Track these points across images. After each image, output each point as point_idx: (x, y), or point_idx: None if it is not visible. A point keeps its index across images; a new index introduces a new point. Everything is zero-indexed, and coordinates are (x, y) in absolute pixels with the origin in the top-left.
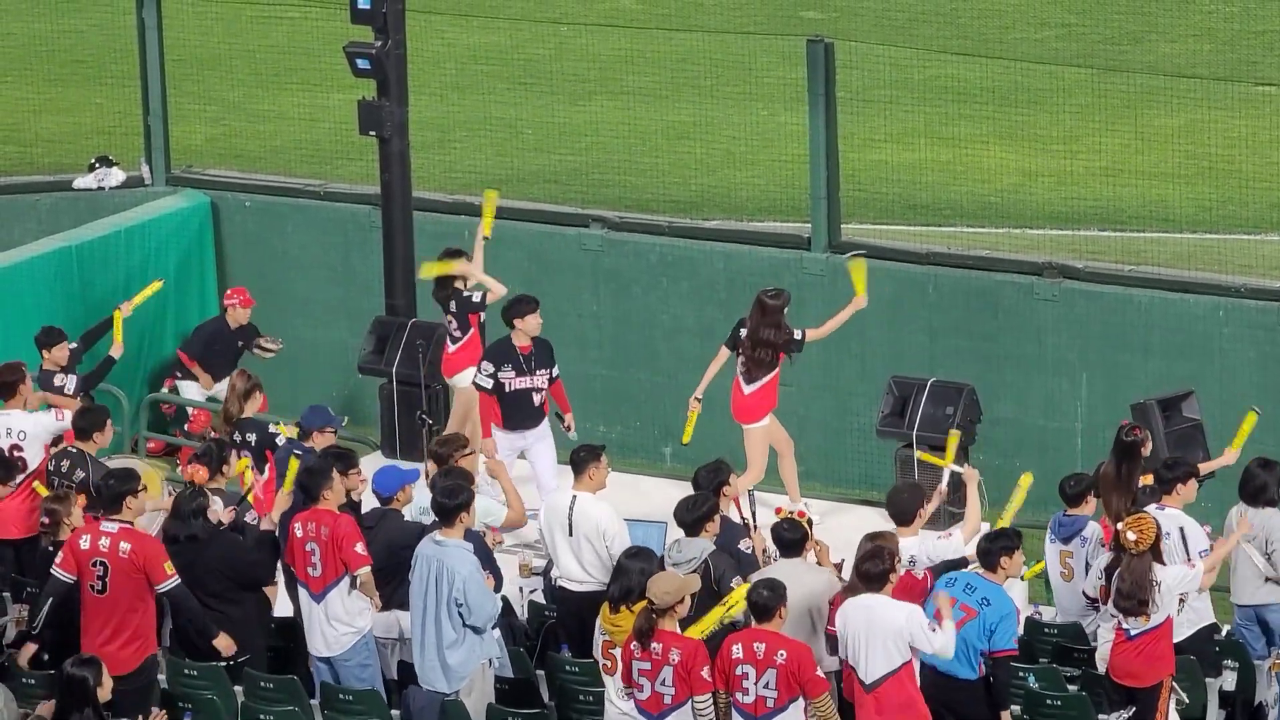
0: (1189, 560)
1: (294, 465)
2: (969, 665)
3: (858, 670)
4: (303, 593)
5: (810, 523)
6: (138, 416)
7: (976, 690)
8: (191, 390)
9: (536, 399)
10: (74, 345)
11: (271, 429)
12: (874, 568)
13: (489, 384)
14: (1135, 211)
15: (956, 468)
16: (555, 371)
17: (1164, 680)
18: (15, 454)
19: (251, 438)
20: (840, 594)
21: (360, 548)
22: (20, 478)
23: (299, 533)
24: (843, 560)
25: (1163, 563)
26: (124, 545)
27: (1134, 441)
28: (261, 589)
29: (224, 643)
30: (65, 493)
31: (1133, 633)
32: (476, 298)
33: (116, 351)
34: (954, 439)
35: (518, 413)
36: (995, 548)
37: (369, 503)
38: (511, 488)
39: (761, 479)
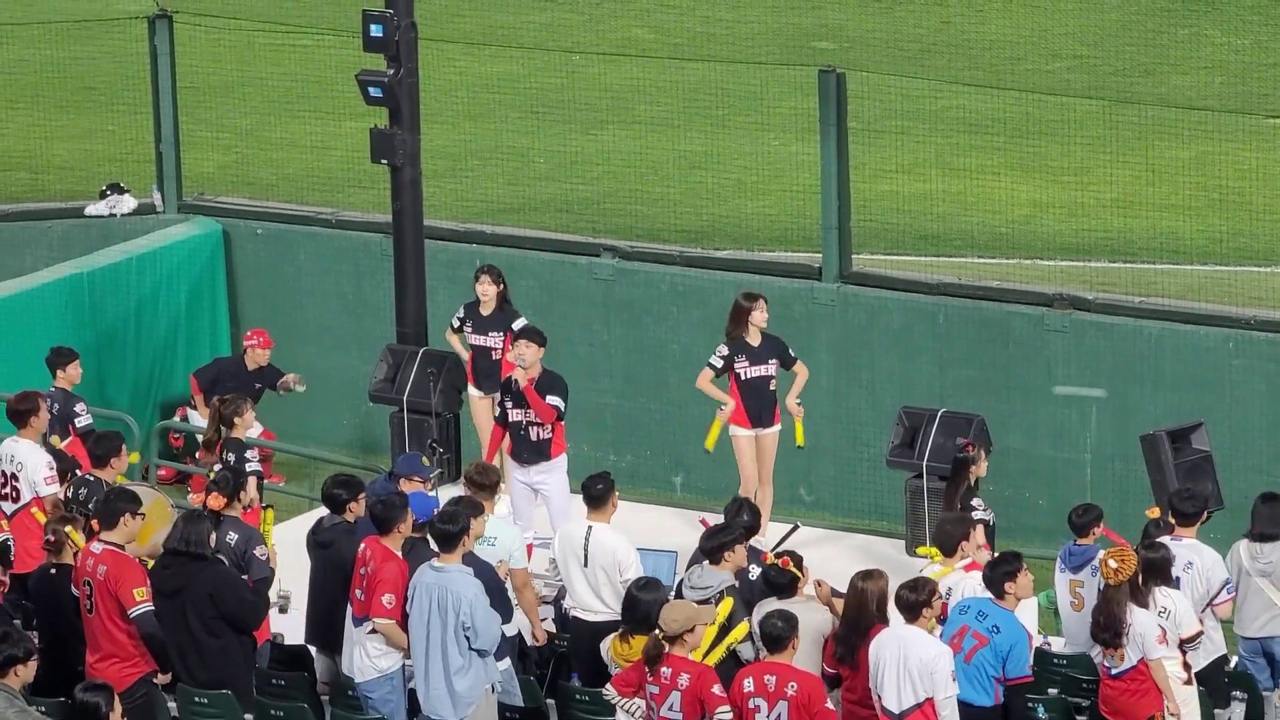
0: (1208, 596)
1: (269, 518)
2: (985, 692)
3: (885, 699)
4: (348, 610)
5: (801, 562)
6: (148, 444)
7: (993, 718)
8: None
9: (532, 434)
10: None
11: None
12: (910, 597)
13: (497, 412)
14: (1146, 243)
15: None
16: (549, 398)
17: (1155, 715)
18: (12, 484)
19: (231, 457)
20: (832, 632)
21: (388, 599)
22: (14, 508)
23: (360, 549)
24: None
25: (1142, 603)
26: (101, 568)
27: (964, 458)
28: (248, 631)
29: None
30: (70, 515)
31: (1113, 671)
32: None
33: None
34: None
35: (515, 444)
36: (998, 574)
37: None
38: None
39: (749, 490)
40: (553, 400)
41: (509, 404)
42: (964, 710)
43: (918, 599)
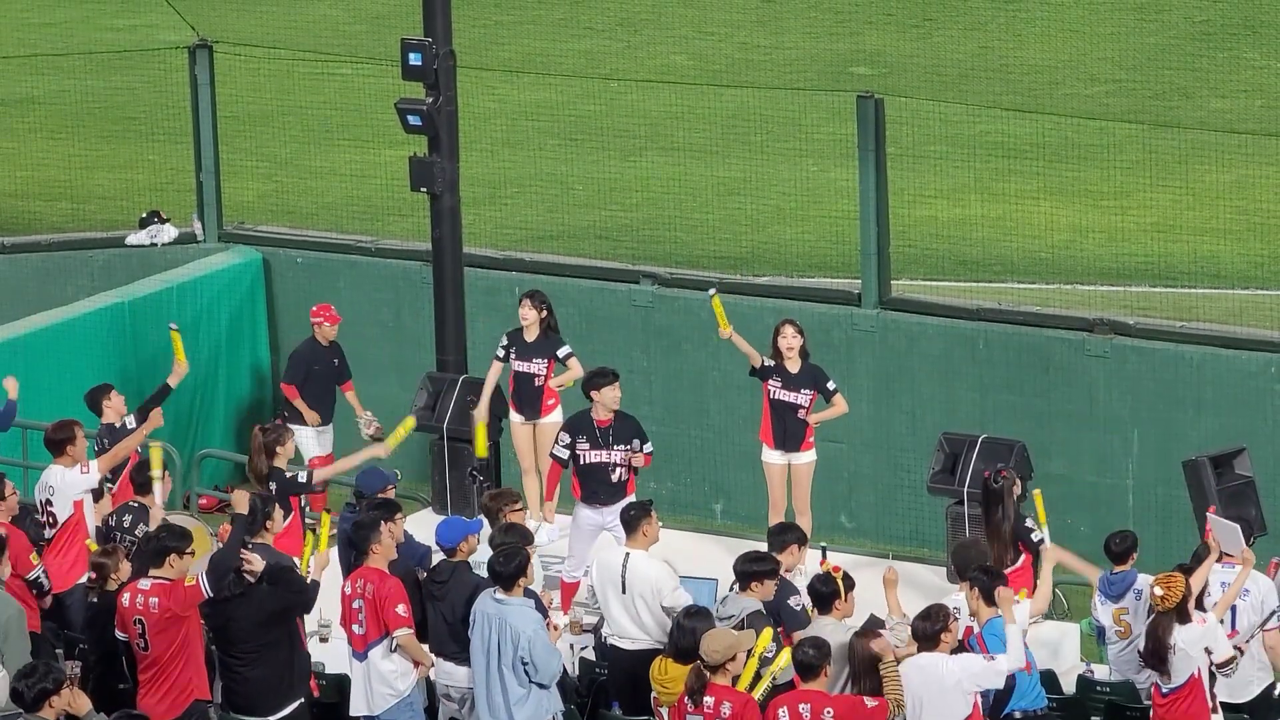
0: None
1: (326, 520)
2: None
3: None
4: (346, 650)
5: (846, 578)
6: (190, 472)
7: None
8: (304, 435)
9: (615, 474)
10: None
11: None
12: (927, 628)
13: (564, 455)
14: (1186, 267)
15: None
16: (645, 446)
17: None
18: (47, 509)
19: (272, 486)
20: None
21: (403, 609)
22: (50, 533)
23: (348, 590)
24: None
25: (1186, 622)
26: (153, 600)
27: (999, 487)
28: (293, 623)
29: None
30: (113, 547)
31: (1164, 690)
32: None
33: (177, 374)
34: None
35: (593, 486)
36: (994, 582)
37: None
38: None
39: (778, 514)
40: (649, 448)
41: (586, 445)
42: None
43: (935, 628)
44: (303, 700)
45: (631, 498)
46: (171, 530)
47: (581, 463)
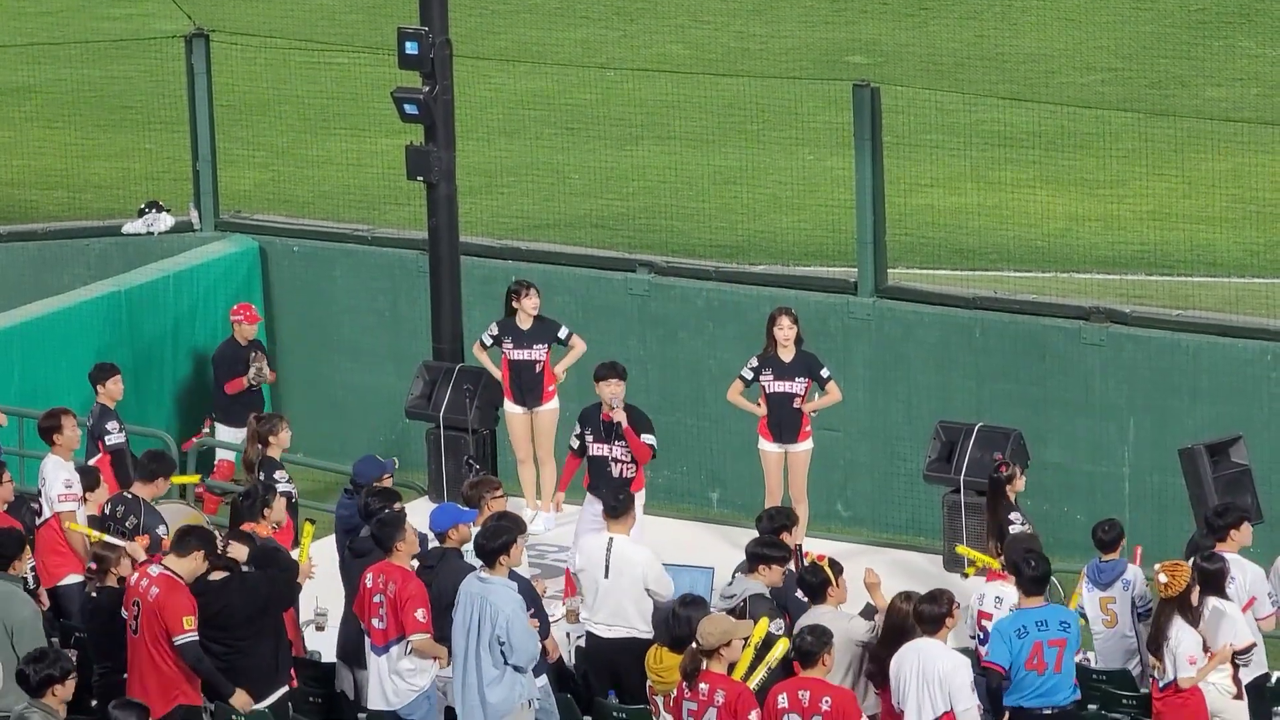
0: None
1: (309, 531)
2: (1074, 688)
3: (907, 713)
4: (366, 642)
5: (834, 565)
6: (186, 462)
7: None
8: (227, 434)
9: (614, 469)
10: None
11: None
12: (931, 610)
13: (578, 444)
14: (1182, 255)
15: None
16: (646, 437)
17: None
18: (40, 501)
19: (262, 475)
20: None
21: (421, 614)
22: (39, 521)
23: (369, 583)
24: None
25: (1194, 618)
26: (154, 590)
27: (998, 478)
28: (282, 618)
29: (241, 700)
30: (114, 546)
31: (1161, 683)
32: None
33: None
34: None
35: (595, 479)
36: (1040, 574)
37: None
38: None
39: (774, 504)
40: (648, 439)
41: (590, 438)
42: (1070, 713)
43: (940, 611)
44: (285, 690)
45: (635, 495)
46: (201, 532)
47: (589, 454)
